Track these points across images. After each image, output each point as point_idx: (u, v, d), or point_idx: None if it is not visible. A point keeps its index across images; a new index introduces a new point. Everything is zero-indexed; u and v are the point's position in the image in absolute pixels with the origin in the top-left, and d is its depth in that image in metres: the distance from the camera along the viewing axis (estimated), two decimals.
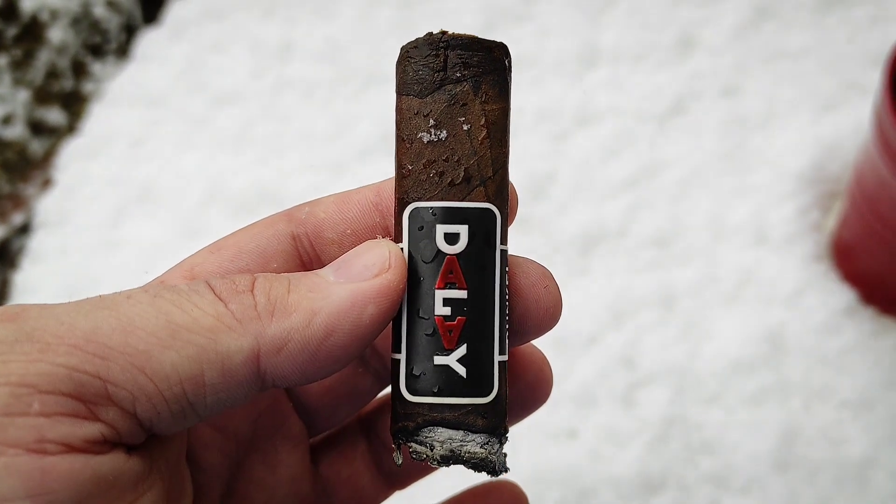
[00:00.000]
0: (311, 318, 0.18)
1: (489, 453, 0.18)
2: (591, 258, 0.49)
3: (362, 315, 0.18)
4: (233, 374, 0.17)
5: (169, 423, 0.17)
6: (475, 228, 0.19)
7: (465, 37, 0.19)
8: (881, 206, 0.41)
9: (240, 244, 0.21)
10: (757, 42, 0.56)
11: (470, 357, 0.18)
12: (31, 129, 0.60)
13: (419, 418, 0.18)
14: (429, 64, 0.19)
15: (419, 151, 0.19)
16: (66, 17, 0.64)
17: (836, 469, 0.41)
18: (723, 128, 0.53)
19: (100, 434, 0.16)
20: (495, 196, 0.19)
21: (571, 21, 0.59)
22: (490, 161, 0.19)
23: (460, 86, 0.19)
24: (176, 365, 0.16)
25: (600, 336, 0.46)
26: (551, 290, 0.20)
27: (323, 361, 0.18)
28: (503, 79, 0.19)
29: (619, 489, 0.41)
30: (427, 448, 0.18)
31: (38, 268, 0.52)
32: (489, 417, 0.18)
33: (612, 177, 0.52)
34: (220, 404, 0.17)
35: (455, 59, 0.19)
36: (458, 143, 0.19)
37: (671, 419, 0.43)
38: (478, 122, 0.19)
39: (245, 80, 0.58)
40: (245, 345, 0.17)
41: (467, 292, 0.19)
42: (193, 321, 0.17)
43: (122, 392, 0.16)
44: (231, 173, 0.54)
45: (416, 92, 0.19)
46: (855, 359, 0.44)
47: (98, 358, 0.16)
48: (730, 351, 0.45)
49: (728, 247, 0.48)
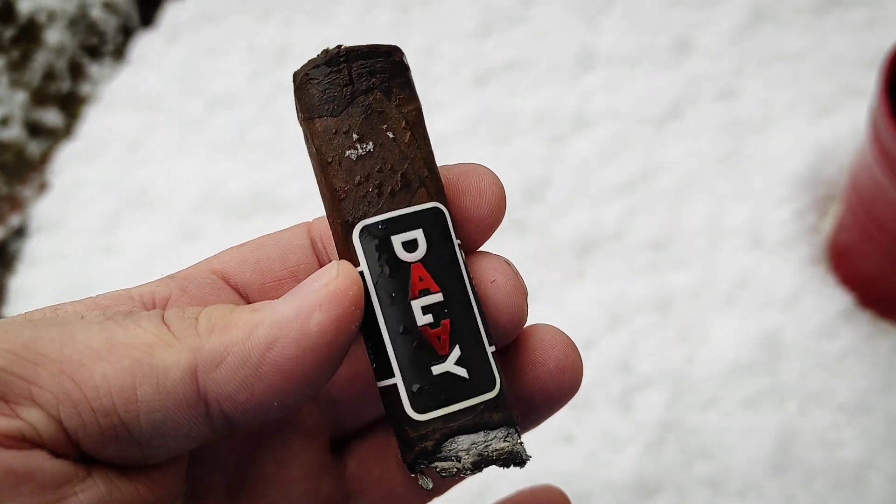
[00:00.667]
0: (251, 331, 0.17)
1: (514, 445, 0.18)
2: (588, 262, 0.49)
3: (308, 323, 0.17)
4: (168, 390, 0.16)
5: (99, 441, 0.16)
6: (430, 229, 0.18)
7: (361, 46, 0.19)
8: (877, 209, 0.41)
9: (260, 240, 0.21)
10: (753, 45, 0.56)
11: (466, 356, 0.18)
12: (29, 130, 0.60)
13: (437, 434, 0.18)
14: (334, 81, 0.18)
15: (350, 169, 0.18)
16: (64, 18, 0.63)
17: (833, 473, 0.41)
18: (719, 131, 0.53)
19: (17, 430, 0.16)
20: (437, 193, 0.19)
21: (568, 24, 0.59)
22: (422, 161, 0.19)
23: (372, 94, 0.19)
24: (107, 375, 0.16)
25: (597, 340, 0.46)
26: (498, 285, 0.19)
27: (270, 376, 0.17)
28: (409, 80, 0.19)
29: (616, 493, 0.41)
30: (454, 461, 0.18)
31: (34, 271, 0.52)
32: (501, 410, 0.18)
33: (608, 180, 0.52)
34: (159, 429, 0.16)
35: (359, 69, 0.19)
36: (387, 151, 0.18)
37: (668, 423, 0.43)
38: (399, 125, 0.19)
39: (241, 83, 0.58)
40: (182, 360, 0.16)
41: (442, 294, 0.18)
42: (132, 337, 0.17)
43: (46, 394, 0.16)
44: (227, 177, 0.54)
45: (329, 111, 0.18)
46: (852, 362, 0.44)
47: (29, 363, 0.16)
48: (726, 354, 0.45)
49: (725, 250, 0.48)
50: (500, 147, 0.54)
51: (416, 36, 0.59)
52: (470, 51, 0.58)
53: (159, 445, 0.17)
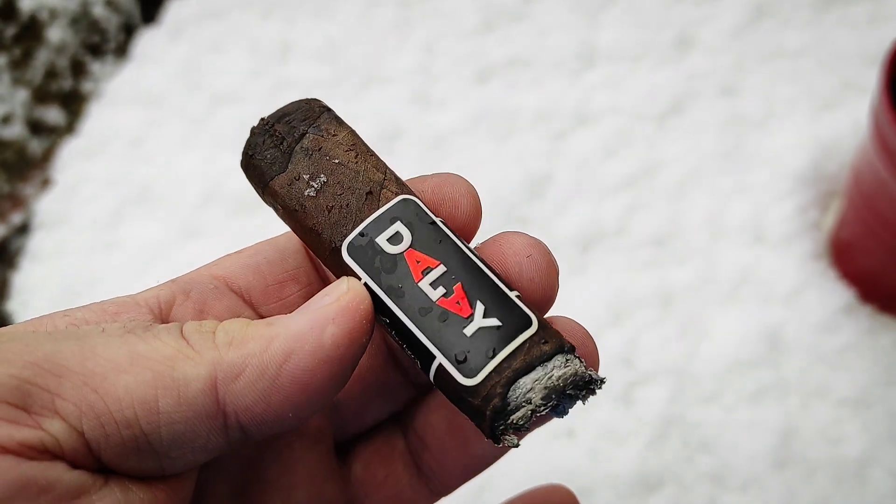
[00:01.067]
0: (268, 344, 0.17)
1: (577, 367, 0.18)
2: (590, 257, 0.49)
3: (323, 335, 0.17)
4: (189, 402, 0.17)
5: (120, 452, 0.17)
6: (407, 218, 0.19)
7: (279, 109, 0.21)
8: (879, 204, 0.41)
9: (257, 246, 0.21)
10: (755, 41, 0.56)
11: (491, 308, 0.18)
12: (31, 128, 0.60)
13: (497, 388, 0.17)
14: (269, 146, 0.20)
15: (315, 206, 0.20)
16: (65, 16, 0.64)
17: (835, 467, 0.41)
18: (721, 127, 0.53)
19: (39, 441, 0.16)
20: (400, 189, 0.20)
21: (569, 21, 0.59)
22: (374, 168, 0.20)
23: (306, 138, 0.20)
24: (129, 388, 0.16)
25: (599, 335, 0.46)
26: (535, 259, 0.19)
27: (287, 388, 0.17)
28: (332, 115, 0.21)
29: (618, 488, 0.41)
30: (525, 406, 0.17)
31: (37, 268, 0.52)
32: (549, 340, 0.18)
33: (610, 176, 0.52)
34: (179, 440, 0.17)
35: (285, 128, 0.20)
36: (339, 175, 0.20)
37: (669, 418, 0.43)
38: (340, 150, 0.20)
39: (244, 79, 0.58)
40: (202, 372, 0.17)
41: (444, 265, 0.19)
42: (153, 350, 0.17)
43: (69, 406, 0.16)
44: (230, 173, 0.54)
45: (277, 170, 0.20)
46: (853, 357, 0.44)
47: (52, 375, 0.16)
48: (728, 350, 0.45)
49: (726, 246, 0.48)
50: (502, 144, 0.54)
51: (417, 33, 0.59)
52: (471, 48, 0.58)
53: (177, 457, 0.17)
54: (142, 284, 0.52)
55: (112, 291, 0.55)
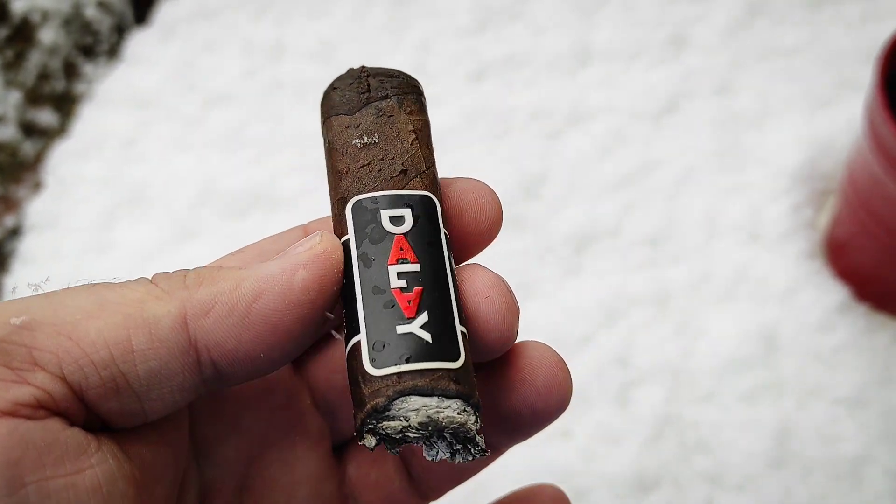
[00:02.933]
0: (238, 283, 0.18)
1: (468, 420, 0.18)
2: (585, 257, 0.49)
3: (293, 279, 0.18)
4: (161, 338, 0.17)
5: (101, 393, 0.17)
6: (418, 211, 0.19)
7: (382, 68, 0.22)
8: (873, 203, 0.41)
9: (262, 245, 0.22)
10: (749, 40, 0.56)
11: (433, 323, 0.18)
12: (23, 130, 0.60)
13: (390, 391, 0.17)
14: (354, 88, 0.21)
15: (354, 155, 0.20)
16: (58, 18, 0.63)
17: (831, 466, 0.41)
18: (716, 126, 0.53)
19: (31, 397, 0.16)
20: (431, 187, 0.20)
21: (564, 19, 0.58)
22: (422, 158, 0.20)
23: (385, 101, 0.21)
24: (102, 330, 0.17)
25: (594, 335, 0.46)
26: (493, 300, 0.19)
27: (257, 326, 0.17)
28: (421, 100, 0.21)
29: (614, 488, 0.41)
30: (401, 421, 0.17)
31: (29, 270, 0.51)
32: (462, 384, 0.18)
33: (605, 175, 0.52)
34: (155, 377, 0.17)
35: (377, 83, 0.21)
36: (390, 144, 0.20)
37: (665, 418, 0.43)
38: (405, 128, 0.21)
39: (237, 80, 0.58)
40: (171, 309, 0.17)
41: (420, 265, 0.19)
42: (122, 296, 0.17)
43: (46, 355, 0.16)
44: (223, 174, 0.54)
45: (346, 111, 0.21)
46: (849, 356, 0.44)
47: (25, 330, 0.16)
48: (724, 349, 0.45)
49: (722, 245, 0.48)
50: (497, 143, 0.54)
51: (412, 32, 0.59)
52: (466, 46, 0.58)
53: (156, 398, 0.17)
54: None
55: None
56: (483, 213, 0.20)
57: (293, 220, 0.56)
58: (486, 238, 0.21)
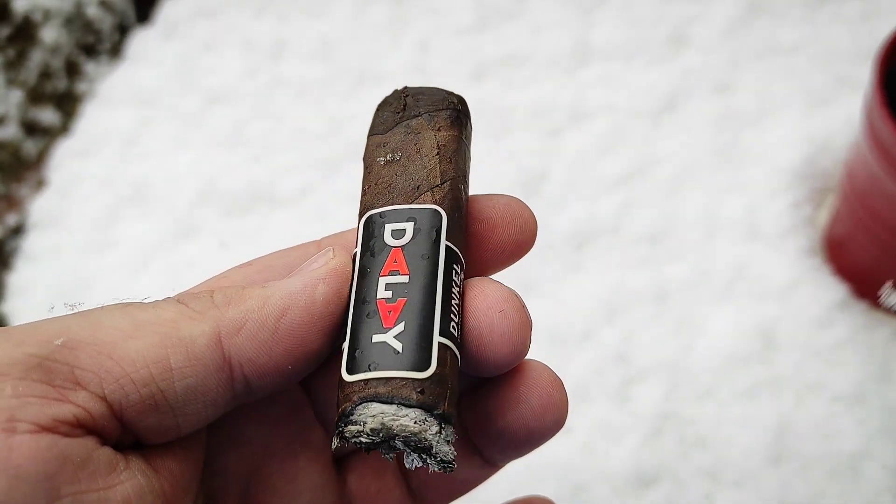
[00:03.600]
0: (265, 301, 0.19)
1: (424, 431, 0.18)
2: (585, 254, 0.49)
3: (314, 294, 0.19)
4: (198, 356, 0.18)
5: (140, 411, 0.17)
6: (420, 225, 0.20)
7: (424, 87, 0.22)
8: (872, 200, 0.41)
9: (268, 261, 0.22)
10: (749, 38, 0.57)
11: (407, 333, 0.18)
12: (25, 129, 0.60)
13: (355, 396, 0.18)
14: (392, 109, 0.22)
15: (377, 173, 0.21)
16: (59, 17, 0.63)
17: (829, 462, 0.41)
18: (715, 124, 0.53)
19: (71, 415, 0.17)
20: (442, 200, 0.20)
21: (564, 18, 0.59)
22: (438, 174, 0.21)
23: (416, 119, 0.22)
24: (141, 350, 0.17)
25: (594, 332, 0.46)
26: (507, 315, 0.19)
27: (286, 340, 0.18)
28: (456, 116, 0.22)
29: (614, 483, 0.41)
30: (359, 426, 0.18)
31: (32, 268, 0.52)
32: (426, 394, 0.18)
33: (605, 173, 0.52)
34: (192, 394, 0.18)
35: (412, 102, 0.22)
36: (410, 161, 0.21)
37: (665, 414, 0.43)
38: (429, 144, 0.21)
39: (238, 78, 0.58)
40: (206, 328, 0.18)
41: (409, 277, 0.19)
42: (156, 316, 0.18)
43: (88, 375, 0.17)
44: (224, 172, 0.54)
45: (381, 131, 0.22)
46: (847, 352, 0.44)
47: (66, 349, 0.17)
48: (723, 346, 0.45)
49: (721, 242, 0.48)
50: (497, 141, 0.54)
51: (411, 31, 0.59)
52: (466, 45, 0.58)
53: (191, 413, 0.18)
54: (137, 284, 0.52)
55: (107, 291, 0.55)
56: (527, 223, 0.22)
57: (293, 219, 0.56)
58: (521, 253, 0.22)
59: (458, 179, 0.21)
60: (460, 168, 0.21)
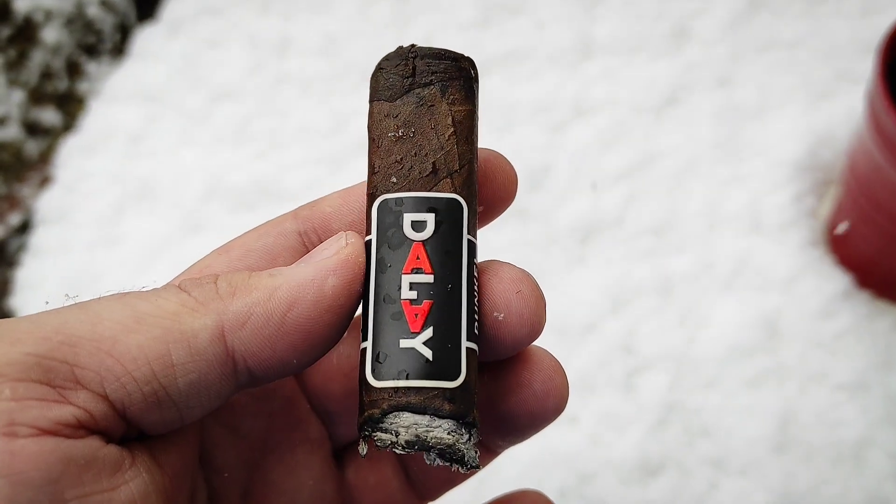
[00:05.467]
0: (272, 293, 0.18)
1: (457, 441, 0.18)
2: (589, 248, 0.49)
3: (324, 286, 0.18)
4: (200, 352, 0.17)
5: (143, 408, 0.17)
6: (442, 217, 0.19)
7: (433, 48, 0.20)
8: (874, 190, 0.42)
9: (248, 244, 0.21)
10: (750, 32, 0.57)
11: (436, 340, 0.18)
12: (27, 129, 0.60)
13: (384, 404, 0.18)
14: (398, 72, 0.20)
15: (388, 149, 0.20)
16: (60, 17, 0.64)
17: (833, 450, 0.42)
18: (717, 118, 0.53)
19: (72, 417, 0.16)
20: (462, 188, 0.20)
21: (566, 13, 0.59)
22: (457, 156, 0.20)
23: (428, 89, 0.20)
24: (142, 346, 0.17)
25: (599, 323, 0.46)
26: (524, 294, 0.19)
27: (291, 335, 0.18)
28: (469, 86, 0.20)
29: (620, 473, 0.42)
30: (391, 435, 0.18)
31: (40, 264, 0.52)
32: (457, 403, 0.18)
33: (608, 167, 0.52)
34: (195, 388, 0.17)
35: (423, 66, 0.20)
36: (426, 139, 0.20)
37: (670, 404, 0.43)
38: (444, 120, 0.20)
39: (243, 75, 0.58)
40: (209, 322, 0.17)
41: (433, 276, 0.19)
42: (157, 308, 0.17)
43: (89, 374, 0.16)
44: (230, 168, 0.54)
45: (387, 97, 0.20)
46: (850, 342, 0.44)
47: (66, 346, 0.16)
48: (727, 336, 0.45)
49: (724, 234, 0.49)
50: (501, 136, 0.54)
51: (415, 26, 0.59)
52: (469, 41, 0.58)
53: (195, 405, 0.18)
54: (144, 280, 0.53)
55: (114, 287, 0.55)
56: (508, 179, 0.21)
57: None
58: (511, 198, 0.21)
59: (474, 161, 0.20)
60: (475, 147, 0.20)
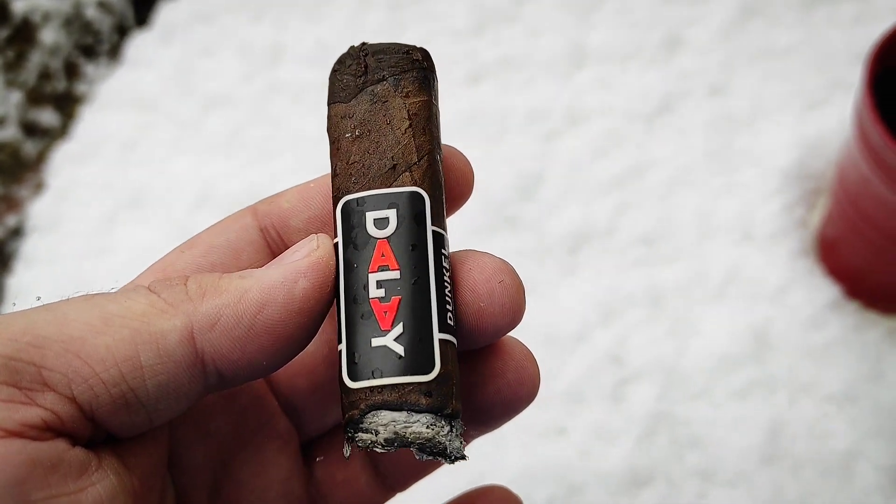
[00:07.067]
0: (242, 295, 0.18)
1: (437, 434, 0.18)
2: (580, 257, 0.49)
3: (294, 288, 0.18)
4: (169, 353, 0.17)
5: (111, 410, 0.17)
6: (403, 211, 0.19)
7: (383, 43, 0.20)
8: (863, 202, 0.42)
9: (209, 240, 0.21)
10: (743, 41, 0.57)
11: (407, 335, 0.18)
12: (25, 130, 0.60)
13: (362, 404, 0.18)
14: (351, 71, 0.20)
15: (347, 149, 0.20)
16: (58, 18, 0.64)
17: (822, 462, 0.42)
18: (710, 126, 0.54)
19: (39, 419, 0.16)
20: (422, 180, 0.19)
21: (560, 21, 0.59)
22: (414, 148, 0.20)
23: (381, 85, 0.20)
24: (110, 347, 0.17)
25: (589, 334, 0.46)
26: (507, 284, 0.19)
27: (261, 336, 0.18)
28: (423, 76, 0.20)
29: (608, 484, 0.42)
30: (371, 434, 0.18)
31: (32, 272, 0.52)
32: (434, 396, 0.18)
33: (600, 176, 0.52)
34: (163, 391, 0.17)
35: (374, 63, 0.20)
36: (382, 135, 0.20)
37: (659, 415, 0.43)
38: (399, 114, 0.20)
39: (235, 83, 0.59)
40: (178, 323, 0.17)
41: (399, 272, 0.19)
42: (126, 309, 0.17)
43: (56, 375, 0.16)
44: (223, 176, 0.54)
45: (343, 98, 0.20)
46: (839, 352, 0.45)
47: (33, 347, 0.16)
48: (716, 347, 0.45)
49: (715, 244, 0.49)
50: (494, 144, 0.54)
51: (409, 34, 0.59)
52: (463, 49, 0.58)
53: (163, 408, 0.18)
54: None
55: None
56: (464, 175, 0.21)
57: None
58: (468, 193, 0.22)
59: (435, 151, 0.20)
60: (435, 137, 0.20)
